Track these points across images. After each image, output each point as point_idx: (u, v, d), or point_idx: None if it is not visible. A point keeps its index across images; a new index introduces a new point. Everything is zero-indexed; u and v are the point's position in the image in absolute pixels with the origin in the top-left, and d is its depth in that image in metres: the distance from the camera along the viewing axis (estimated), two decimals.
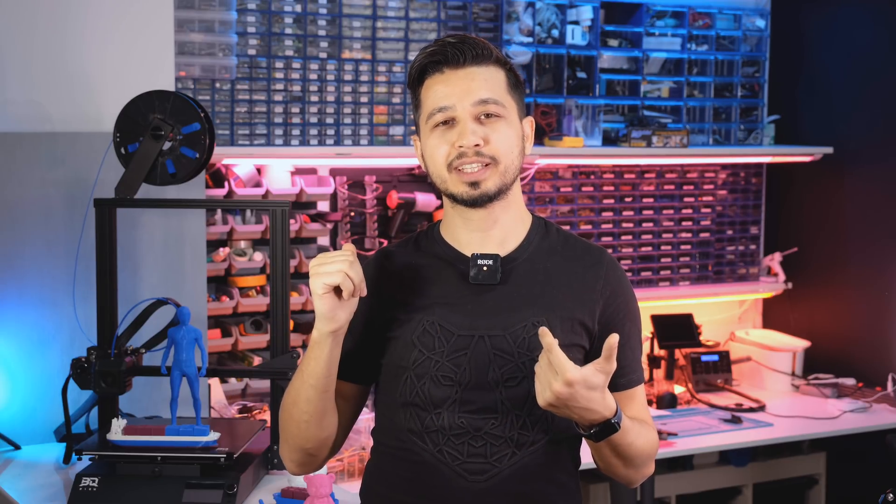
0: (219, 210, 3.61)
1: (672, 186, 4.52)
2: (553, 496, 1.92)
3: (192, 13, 3.42)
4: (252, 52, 3.57)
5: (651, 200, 4.48)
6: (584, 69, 4.17)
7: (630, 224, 4.44)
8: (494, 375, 1.87)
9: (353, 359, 1.94)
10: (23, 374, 2.99)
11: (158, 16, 3.18)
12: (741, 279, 4.70)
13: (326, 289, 1.78)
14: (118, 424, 2.54)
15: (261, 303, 3.65)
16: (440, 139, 1.90)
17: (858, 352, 4.45)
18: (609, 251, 2.03)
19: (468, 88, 1.89)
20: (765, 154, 4.52)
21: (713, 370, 4.39)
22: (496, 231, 1.95)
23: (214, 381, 3.43)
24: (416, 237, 2.03)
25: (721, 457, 4.29)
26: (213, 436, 2.52)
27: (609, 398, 1.77)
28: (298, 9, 3.62)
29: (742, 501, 4.31)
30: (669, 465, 4.15)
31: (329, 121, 3.68)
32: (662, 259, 4.53)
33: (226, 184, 3.61)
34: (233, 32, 3.50)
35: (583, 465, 2.01)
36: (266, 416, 3.39)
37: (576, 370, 1.70)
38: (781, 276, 4.68)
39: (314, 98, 3.65)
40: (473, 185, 1.88)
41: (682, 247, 4.56)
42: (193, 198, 3.05)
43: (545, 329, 1.72)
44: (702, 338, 4.42)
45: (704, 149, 4.39)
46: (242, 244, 3.71)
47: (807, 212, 4.66)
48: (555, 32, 4.09)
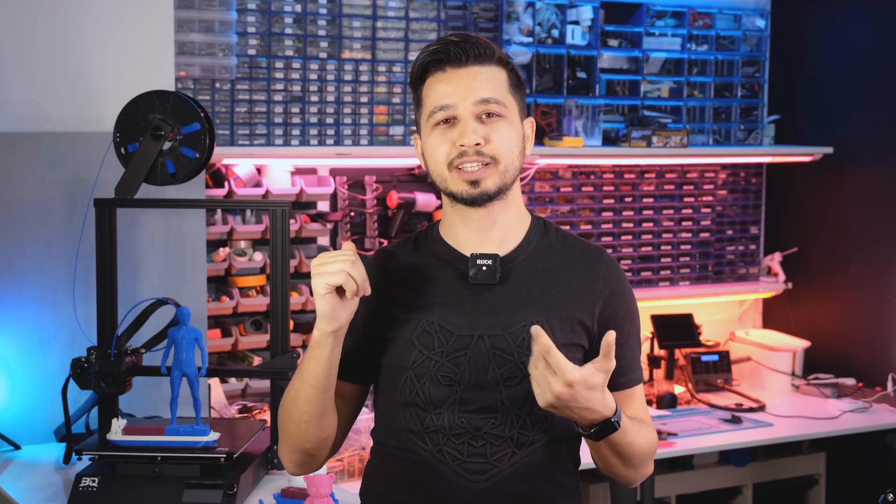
0: (219, 210, 3.61)
1: (672, 186, 4.52)
2: (553, 496, 1.92)
3: (192, 13, 3.42)
4: (252, 52, 3.57)
5: (651, 200, 4.48)
6: (584, 69, 4.17)
7: (630, 224, 4.44)
8: (494, 375, 1.87)
9: (353, 359, 1.93)
10: (23, 374, 2.99)
11: (158, 16, 3.18)
12: (741, 279, 4.70)
13: (329, 289, 1.77)
14: (118, 424, 2.54)
15: (261, 303, 3.65)
16: (441, 137, 1.90)
17: (858, 352, 4.45)
18: (609, 251, 2.03)
19: (470, 87, 1.88)
20: (765, 154, 4.52)
21: (713, 370, 4.39)
22: (495, 231, 1.95)
23: (214, 381, 3.43)
24: (416, 237, 2.03)
25: (721, 457, 4.29)
26: (213, 436, 2.52)
27: (608, 397, 1.77)
28: (298, 9, 3.62)
29: (742, 501, 4.31)
30: (669, 465, 4.15)
31: (329, 121, 3.68)
32: (662, 259, 4.53)
33: (226, 184, 3.61)
34: (233, 32, 3.50)
35: (583, 465, 2.01)
36: (266, 416, 3.39)
37: (576, 370, 1.70)
38: (781, 276, 4.68)
39: (314, 98, 3.65)
40: (473, 184, 1.88)
41: (682, 247, 4.56)
42: (193, 198, 3.05)
43: (539, 329, 1.71)
44: (702, 338, 4.41)
45: (704, 149, 4.39)
46: (242, 244, 3.71)
47: (807, 212, 4.66)
48: (555, 32, 4.09)
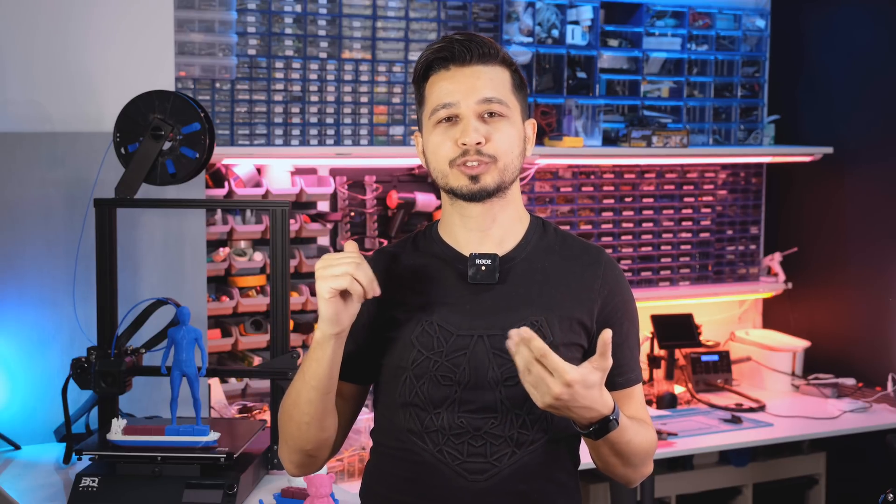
0: (219, 210, 3.61)
1: (672, 186, 4.52)
2: (553, 495, 1.92)
3: (192, 13, 3.42)
4: (252, 52, 3.57)
5: (651, 200, 4.48)
6: (584, 69, 4.17)
7: (630, 224, 4.44)
8: (494, 375, 1.87)
9: (354, 360, 1.93)
10: (23, 374, 2.99)
11: (158, 16, 3.18)
12: (741, 279, 4.70)
13: (333, 293, 1.76)
14: (118, 424, 2.54)
15: (261, 303, 3.65)
16: (443, 135, 1.90)
17: (858, 352, 4.45)
18: (608, 251, 2.03)
19: (473, 86, 1.88)
20: (765, 154, 4.52)
21: (713, 370, 4.39)
22: (495, 230, 1.95)
23: (214, 381, 3.43)
24: (414, 237, 2.03)
25: (721, 457, 4.29)
26: (213, 436, 2.52)
27: (606, 395, 1.76)
28: (298, 9, 3.62)
29: (742, 501, 4.31)
30: (669, 465, 4.15)
31: (329, 121, 3.68)
32: (662, 259, 4.53)
33: (226, 184, 3.61)
34: (233, 32, 3.50)
35: (583, 465, 2.01)
36: (266, 416, 3.39)
37: (574, 370, 1.70)
38: (781, 276, 4.68)
39: (314, 98, 3.65)
40: (473, 179, 1.88)
41: (682, 247, 4.56)
42: (193, 198, 3.05)
43: (529, 331, 1.69)
44: (702, 338, 4.42)
45: (704, 149, 4.39)
46: (242, 244, 3.71)
47: (807, 212, 4.66)
48: (555, 32, 4.09)
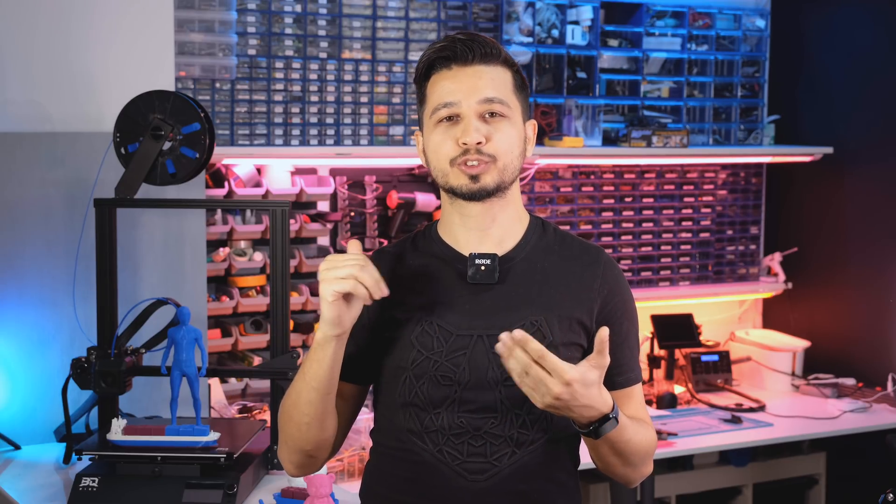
0: (219, 210, 3.61)
1: (672, 186, 4.52)
2: (553, 495, 1.92)
3: (192, 13, 3.42)
4: (252, 52, 3.57)
5: (651, 200, 4.48)
6: (584, 69, 4.17)
7: (630, 224, 4.44)
8: (493, 375, 1.87)
9: (354, 360, 1.93)
10: (23, 374, 2.99)
11: (158, 16, 3.18)
12: (741, 279, 4.70)
13: (336, 296, 1.76)
14: (118, 424, 2.54)
15: (261, 303, 3.65)
16: (444, 134, 1.90)
17: (858, 352, 4.45)
18: (609, 251, 2.03)
19: (475, 86, 1.89)
20: (765, 154, 4.52)
21: (713, 370, 4.39)
22: (494, 230, 1.95)
23: (214, 381, 3.43)
24: (414, 237, 2.03)
25: (721, 457, 4.29)
26: (213, 436, 2.52)
27: (605, 393, 1.77)
28: (298, 9, 3.62)
29: (742, 501, 4.31)
30: (669, 465, 4.15)
31: (329, 121, 3.68)
32: (662, 259, 4.53)
33: (226, 184, 3.61)
34: (233, 32, 3.50)
35: (583, 465, 2.01)
36: (266, 416, 3.39)
37: (573, 369, 1.70)
38: (781, 276, 4.68)
39: (314, 98, 3.65)
40: (473, 179, 1.88)
41: (682, 247, 4.56)
42: (193, 198, 3.05)
43: (524, 334, 1.69)
44: (702, 338, 4.42)
45: (704, 149, 4.39)
46: (242, 244, 3.71)
47: (807, 212, 4.66)
48: (555, 32, 4.09)
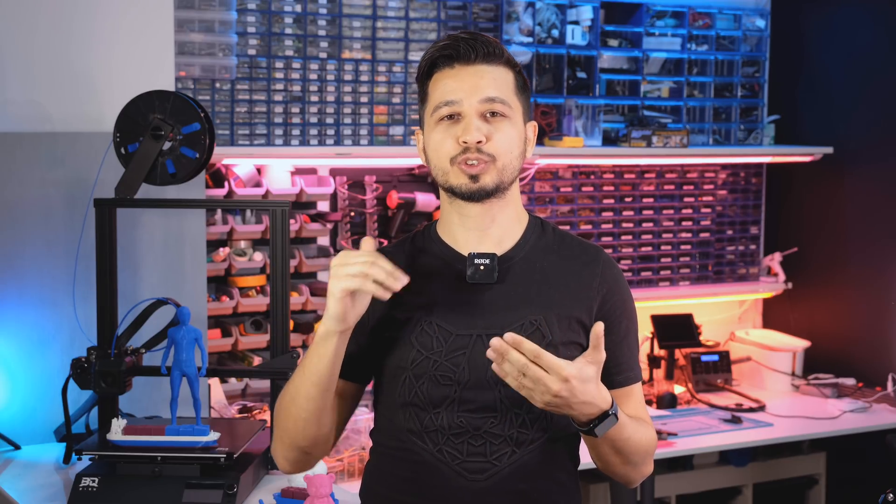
0: (219, 210, 3.61)
1: (672, 186, 4.52)
2: (553, 494, 1.92)
3: (192, 13, 3.42)
4: (252, 52, 3.57)
5: (651, 200, 4.48)
6: (584, 69, 4.17)
7: (630, 224, 4.44)
8: (493, 374, 1.85)
9: (354, 359, 1.93)
10: (23, 374, 2.99)
11: (158, 16, 3.18)
12: (741, 279, 4.70)
13: (345, 293, 1.76)
14: (118, 424, 2.54)
15: (261, 303, 3.65)
16: (445, 133, 1.90)
17: (858, 352, 4.45)
18: (609, 251, 2.03)
19: (476, 85, 1.89)
20: (765, 154, 4.52)
21: (713, 370, 4.39)
22: (493, 229, 1.95)
23: (214, 381, 3.43)
24: (413, 237, 2.03)
25: (721, 457, 4.29)
26: (213, 436, 2.52)
27: (604, 390, 1.78)
28: (298, 9, 3.62)
29: (742, 501, 4.31)
30: (669, 465, 4.15)
31: (329, 121, 3.68)
32: (662, 259, 4.53)
33: (226, 184, 3.61)
34: (233, 32, 3.50)
35: (583, 465, 2.01)
36: (266, 416, 3.39)
37: (570, 366, 1.71)
38: (781, 276, 4.68)
39: (314, 98, 3.65)
40: (473, 178, 1.88)
41: (682, 247, 4.56)
42: (193, 198, 3.05)
43: (516, 336, 1.70)
44: (702, 338, 4.42)
45: (704, 149, 4.39)
46: (242, 244, 3.71)
47: (807, 212, 4.66)
48: (555, 32, 4.09)
